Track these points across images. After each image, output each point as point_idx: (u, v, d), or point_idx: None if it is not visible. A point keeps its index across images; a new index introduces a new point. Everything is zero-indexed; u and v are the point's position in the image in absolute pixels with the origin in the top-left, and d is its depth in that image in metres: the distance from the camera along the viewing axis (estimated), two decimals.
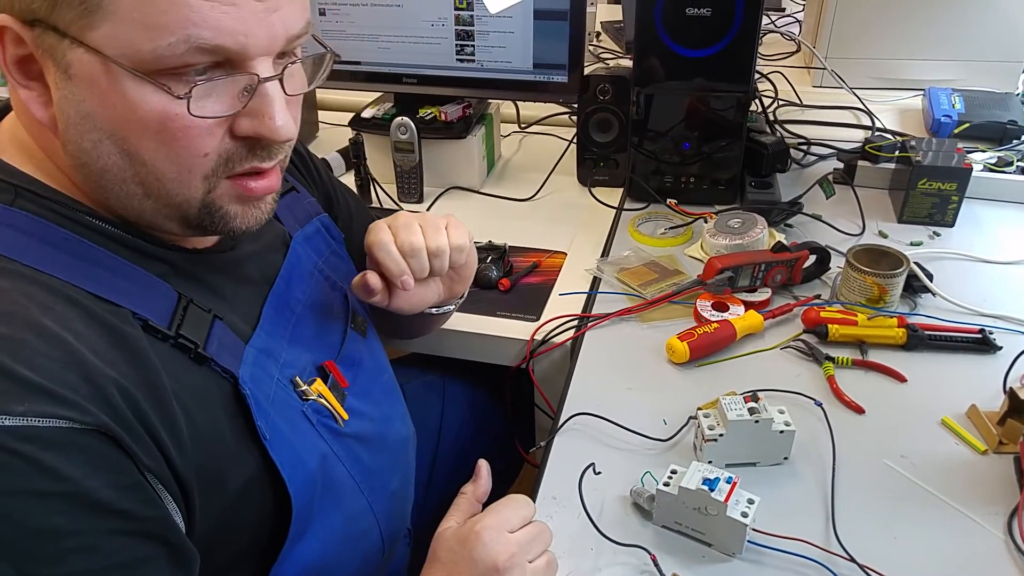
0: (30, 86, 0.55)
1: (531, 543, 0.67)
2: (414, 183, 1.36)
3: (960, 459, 0.85)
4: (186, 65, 0.53)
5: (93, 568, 0.50)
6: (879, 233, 1.24)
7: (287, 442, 0.65)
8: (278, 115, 0.57)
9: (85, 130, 0.55)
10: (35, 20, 0.52)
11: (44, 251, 0.55)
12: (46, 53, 0.53)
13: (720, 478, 0.75)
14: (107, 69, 0.52)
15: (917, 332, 0.99)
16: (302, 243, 0.79)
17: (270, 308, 0.70)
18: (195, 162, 0.57)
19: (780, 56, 1.91)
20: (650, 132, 1.27)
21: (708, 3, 1.12)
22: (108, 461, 0.51)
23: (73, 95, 0.54)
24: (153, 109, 0.54)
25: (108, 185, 0.58)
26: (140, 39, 0.51)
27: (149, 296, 0.59)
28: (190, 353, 0.60)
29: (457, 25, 1.30)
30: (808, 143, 1.48)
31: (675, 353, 0.98)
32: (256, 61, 0.56)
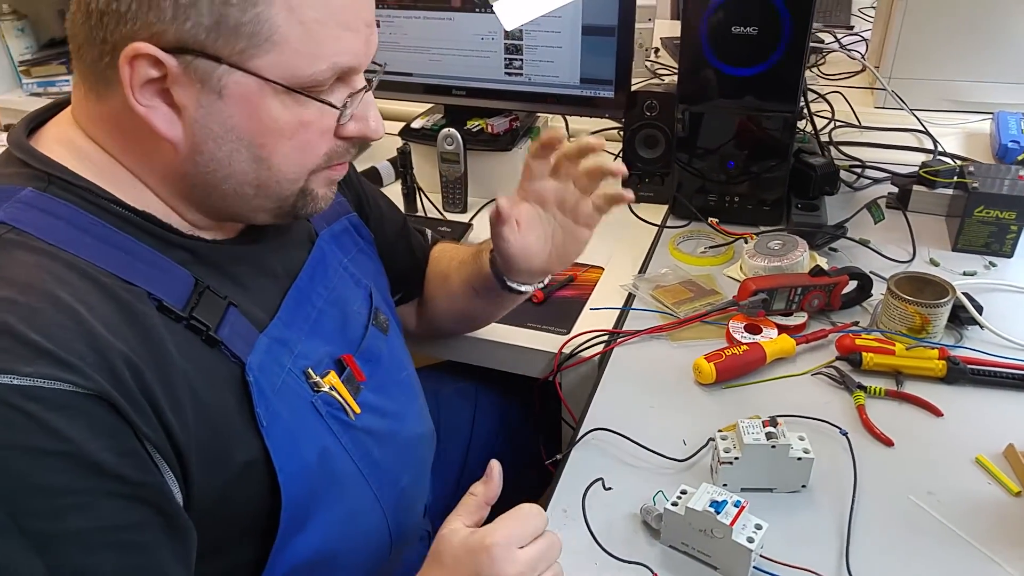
0: (154, 106, 0.60)
1: (539, 560, 0.67)
2: (459, 193, 1.38)
3: (991, 500, 0.81)
4: (321, 84, 0.63)
5: (88, 527, 0.53)
6: (930, 261, 1.20)
7: (287, 431, 0.67)
8: (375, 117, 0.69)
9: (225, 141, 0.62)
10: (186, 49, 0.57)
11: (69, 233, 0.59)
12: (193, 77, 0.59)
13: (728, 501, 0.74)
14: (261, 89, 0.60)
15: (958, 365, 0.95)
16: (328, 241, 0.82)
17: (290, 300, 0.73)
18: (312, 160, 0.67)
19: (844, 76, 1.87)
20: (695, 150, 1.26)
21: (755, 21, 1.11)
22: (108, 426, 0.54)
23: (221, 112, 0.61)
24: (300, 118, 0.63)
25: (224, 188, 0.65)
26: (300, 66, 0.61)
27: (166, 279, 0.62)
28: (202, 335, 0.63)
29: (506, 39, 1.32)
30: (863, 166, 1.45)
31: (702, 374, 0.97)
32: (357, 77, 0.66)
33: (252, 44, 0.58)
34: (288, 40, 0.59)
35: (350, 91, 0.66)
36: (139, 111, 0.59)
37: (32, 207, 0.59)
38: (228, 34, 0.57)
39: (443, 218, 1.37)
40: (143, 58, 0.57)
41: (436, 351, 1.13)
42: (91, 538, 0.53)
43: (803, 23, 1.10)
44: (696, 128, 1.25)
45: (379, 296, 0.86)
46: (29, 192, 0.59)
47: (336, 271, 0.81)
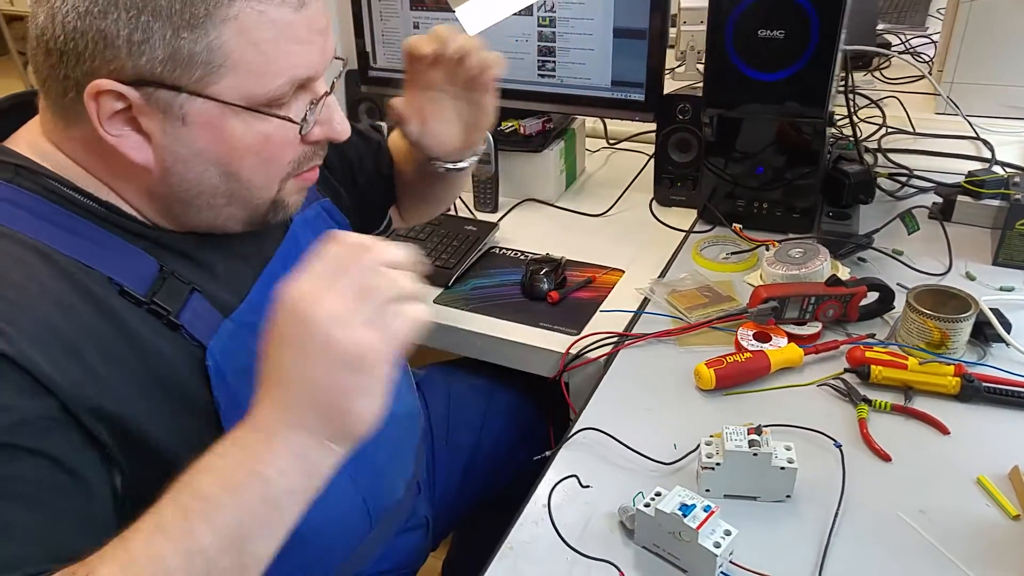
0: (124, 135, 0.63)
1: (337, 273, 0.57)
2: (489, 193, 1.40)
3: (986, 522, 0.78)
4: (280, 97, 0.65)
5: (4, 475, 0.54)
6: (966, 275, 1.15)
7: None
8: (340, 119, 0.72)
9: (194, 164, 0.65)
10: (144, 81, 0.60)
11: (31, 220, 0.63)
12: (155, 107, 0.62)
13: (697, 505, 0.73)
14: (222, 112, 0.63)
15: (973, 383, 0.92)
16: (301, 226, 0.85)
17: (261, 285, 0.76)
18: (280, 169, 0.70)
19: (907, 80, 1.80)
20: (723, 155, 1.25)
21: (782, 25, 1.09)
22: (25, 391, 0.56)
23: (186, 137, 0.64)
24: (262, 133, 0.66)
25: (198, 203, 0.68)
26: (256, 85, 0.63)
27: (128, 266, 0.66)
28: (163, 320, 0.66)
29: (540, 41, 1.33)
30: (910, 174, 1.40)
31: (701, 379, 0.96)
32: (319, 82, 0.69)
33: (208, 71, 0.61)
34: (242, 63, 0.62)
35: (312, 97, 0.68)
36: (111, 141, 0.62)
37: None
38: (183, 64, 0.60)
39: (473, 217, 1.39)
40: (106, 93, 0.60)
41: (449, 348, 1.16)
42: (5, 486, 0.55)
43: (832, 28, 1.08)
44: (724, 133, 1.23)
45: None
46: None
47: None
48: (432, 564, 1.47)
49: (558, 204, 1.44)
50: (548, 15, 1.31)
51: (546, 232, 1.35)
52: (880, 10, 2.27)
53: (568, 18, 1.30)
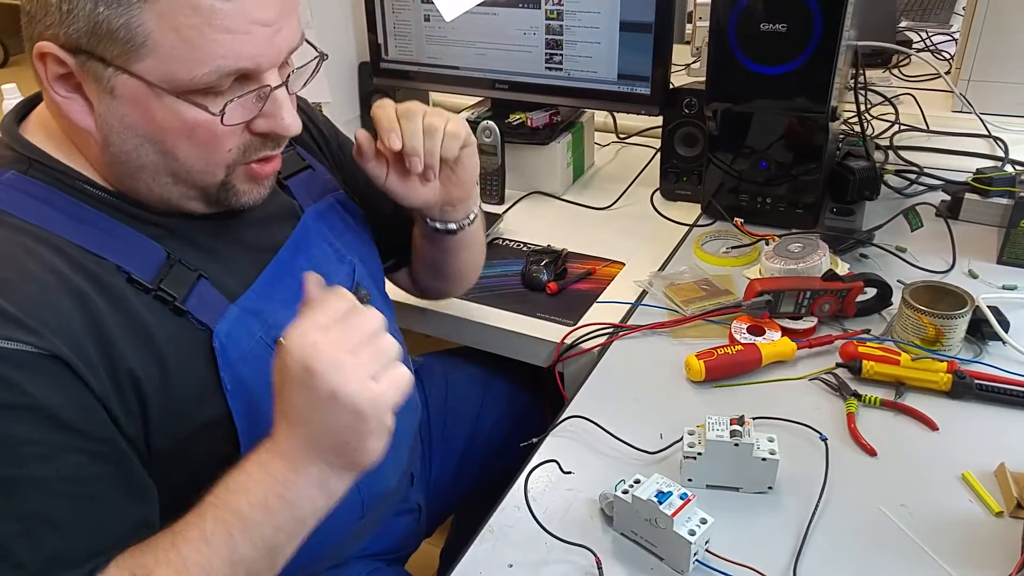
0: (71, 98, 0.65)
1: (344, 333, 0.63)
2: (495, 185, 1.41)
3: (968, 517, 0.78)
4: (214, 85, 0.64)
5: (49, 476, 0.60)
6: (968, 272, 1.14)
7: (251, 396, 0.72)
8: (288, 114, 0.70)
9: (127, 137, 0.66)
10: (78, 49, 0.62)
11: (44, 211, 0.66)
12: (89, 76, 0.63)
13: (674, 492, 0.74)
14: (148, 91, 0.63)
15: (964, 379, 0.91)
16: (313, 217, 0.87)
17: (268, 273, 0.78)
18: (220, 156, 0.69)
19: (926, 77, 1.78)
20: (727, 149, 1.25)
21: (784, 19, 1.09)
22: (66, 385, 0.60)
23: (116, 110, 0.65)
24: (189, 121, 0.65)
25: (143, 176, 0.69)
26: (179, 70, 0.63)
27: (137, 254, 0.68)
28: (169, 306, 0.69)
29: (547, 34, 1.34)
30: (919, 172, 1.38)
31: (691, 371, 0.96)
32: (267, 74, 0.67)
33: (128, 49, 0.61)
34: (162, 46, 0.61)
35: (259, 88, 0.67)
36: (59, 102, 0.65)
37: (12, 188, 0.66)
38: (105, 39, 0.61)
39: None
40: (49, 56, 0.62)
41: (447, 336, 1.17)
42: (51, 486, 0.60)
43: (834, 23, 1.07)
44: (728, 127, 1.23)
45: (363, 270, 0.90)
46: (11, 175, 0.66)
47: (320, 247, 0.86)
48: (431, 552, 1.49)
49: (564, 197, 1.45)
50: (556, 8, 1.32)
51: (550, 224, 1.36)
52: (904, 7, 2.24)
53: (575, 11, 1.31)
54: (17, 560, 0.58)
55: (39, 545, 0.59)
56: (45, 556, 0.60)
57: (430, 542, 1.14)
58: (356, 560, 0.93)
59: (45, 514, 0.60)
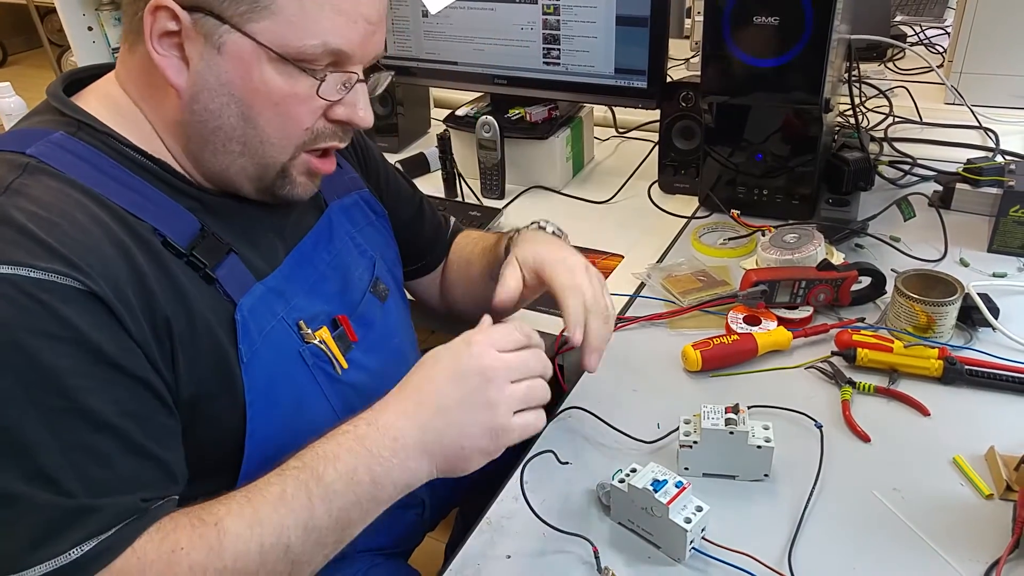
0: (169, 56, 0.69)
1: (519, 366, 0.72)
2: (496, 180, 1.43)
3: (959, 500, 0.80)
4: (313, 59, 0.70)
5: (93, 408, 0.61)
6: (960, 261, 1.16)
7: (265, 372, 0.74)
8: (364, 107, 0.75)
9: (218, 94, 0.70)
10: (197, 7, 0.66)
11: (90, 171, 0.68)
12: (200, 32, 0.67)
13: (669, 481, 0.76)
14: (256, 51, 0.68)
15: (955, 365, 0.93)
16: (337, 212, 0.89)
17: (292, 259, 0.81)
18: (296, 132, 0.73)
19: (920, 70, 1.79)
20: (723, 141, 1.26)
21: (776, 11, 1.10)
22: (109, 324, 0.62)
23: (218, 66, 0.69)
24: (284, 86, 0.70)
25: (214, 140, 0.72)
26: (291, 36, 0.68)
27: (173, 220, 0.71)
28: (200, 272, 0.71)
29: (545, 29, 1.36)
30: (913, 163, 1.40)
31: (688, 361, 0.98)
32: (357, 66, 0.73)
33: (252, 9, 0.66)
34: (284, 11, 0.67)
35: (345, 79, 0.72)
36: (155, 59, 0.68)
37: (60, 147, 0.68)
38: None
39: (479, 203, 1.42)
40: (163, 10, 0.66)
41: (446, 329, 1.18)
42: (95, 417, 0.61)
43: (825, 15, 1.08)
44: (723, 120, 1.25)
45: (383, 267, 0.93)
46: (60, 135, 0.69)
47: (342, 240, 0.88)
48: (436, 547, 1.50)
49: (564, 191, 1.46)
50: (552, 3, 1.33)
51: (550, 218, 1.37)
52: (899, 2, 2.26)
53: (572, 6, 1.32)
54: (64, 488, 0.59)
55: (86, 476, 0.60)
56: (91, 486, 0.61)
57: (435, 537, 1.16)
58: (359, 554, 0.94)
59: (91, 445, 0.61)
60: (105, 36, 1.94)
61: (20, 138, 0.69)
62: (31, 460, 0.59)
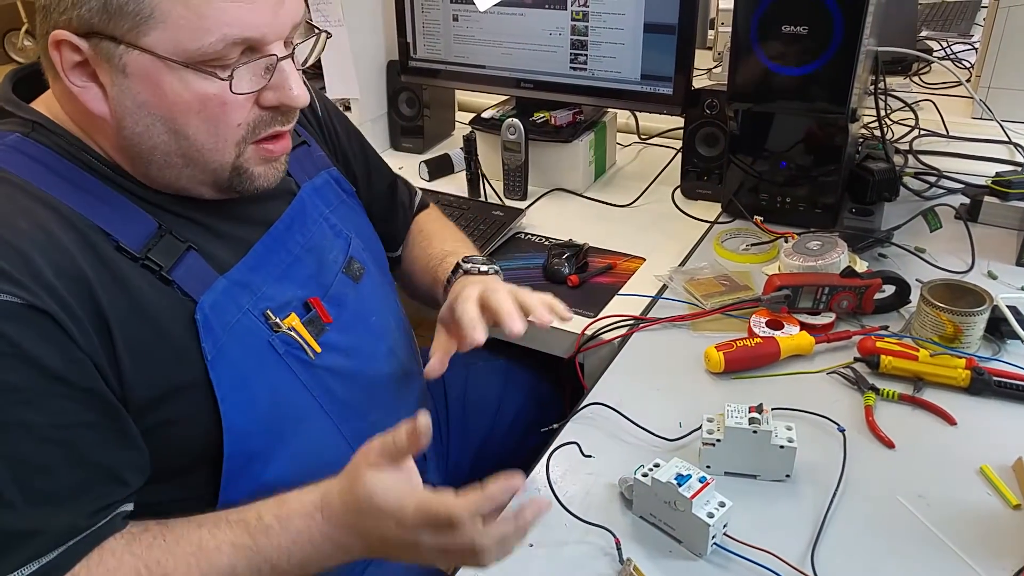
0: (86, 87, 0.67)
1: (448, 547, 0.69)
2: (519, 181, 1.43)
3: (985, 509, 0.79)
4: (221, 55, 0.67)
5: (39, 422, 0.62)
6: (987, 273, 1.15)
7: (234, 366, 0.73)
8: (295, 85, 0.72)
9: (139, 116, 0.68)
10: (91, 32, 0.65)
11: (44, 173, 0.68)
12: (102, 57, 0.66)
13: (692, 476, 0.75)
14: (158, 65, 0.66)
15: (983, 376, 0.92)
16: (310, 193, 0.88)
17: (261, 246, 0.79)
18: (230, 132, 0.71)
19: (946, 84, 1.79)
20: (748, 149, 1.26)
21: (805, 20, 1.11)
22: (53, 337, 0.62)
23: (130, 89, 0.67)
24: (199, 92, 0.67)
25: (154, 159, 0.71)
26: (186, 40, 0.65)
27: (126, 222, 0.70)
28: (156, 275, 0.71)
29: (572, 35, 1.36)
30: (939, 175, 1.39)
31: (711, 362, 0.98)
32: (272, 45, 0.70)
33: (138, 23, 0.64)
34: (170, 16, 0.64)
35: (268, 62, 0.69)
36: (74, 91, 0.67)
37: (14, 150, 0.68)
38: (116, 15, 0.63)
39: (502, 203, 1.43)
40: (64, 43, 0.65)
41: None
42: (39, 432, 0.62)
43: (855, 25, 1.08)
44: (749, 127, 1.25)
45: (359, 245, 0.91)
46: (14, 137, 0.68)
47: (316, 221, 0.87)
48: None
49: (586, 194, 1.46)
50: (581, 9, 1.34)
51: (572, 220, 1.38)
52: (925, 17, 2.26)
53: (601, 12, 1.33)
54: (7, 500, 0.61)
55: (28, 487, 0.61)
56: (35, 498, 0.62)
57: None
58: None
59: (33, 457, 0.62)
60: None
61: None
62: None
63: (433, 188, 1.51)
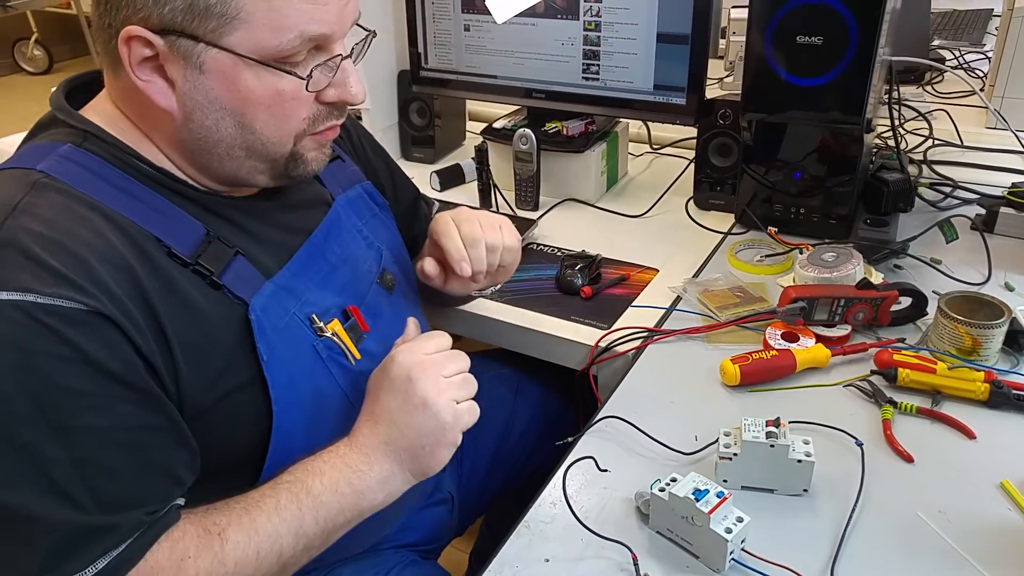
0: (151, 80, 0.69)
1: (444, 361, 0.77)
2: (530, 191, 1.43)
3: (1007, 525, 0.78)
4: (294, 53, 0.70)
5: (103, 426, 0.63)
6: (1005, 285, 1.14)
7: (285, 366, 0.75)
8: (355, 83, 0.76)
9: (210, 111, 0.71)
10: (169, 30, 0.66)
11: (98, 183, 0.69)
12: (177, 55, 0.68)
13: (710, 491, 0.75)
14: (236, 62, 0.68)
15: (1002, 389, 0.91)
16: (344, 206, 0.90)
17: (302, 254, 0.82)
18: (294, 125, 0.75)
19: (959, 94, 1.78)
20: (761, 159, 1.26)
21: (820, 31, 1.10)
22: (115, 342, 0.64)
23: (203, 85, 0.69)
24: (273, 88, 0.71)
25: (217, 152, 0.73)
26: (267, 39, 0.68)
27: (177, 228, 0.72)
28: (207, 279, 0.72)
29: (585, 45, 1.36)
30: (954, 185, 1.39)
31: (726, 375, 0.97)
32: (336, 45, 0.73)
33: (222, 23, 0.66)
34: (254, 16, 0.66)
35: (326, 58, 0.72)
36: (140, 85, 0.69)
37: (68, 160, 0.69)
38: (201, 15, 0.65)
39: (514, 213, 1.43)
40: (136, 39, 0.67)
41: (481, 337, 1.19)
42: (104, 434, 0.63)
43: (870, 35, 1.08)
44: (763, 138, 1.24)
45: (390, 257, 0.94)
46: (67, 147, 0.70)
47: (350, 233, 0.89)
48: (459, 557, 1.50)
49: (598, 204, 1.46)
50: (594, 19, 1.34)
51: (584, 231, 1.38)
52: (937, 27, 2.25)
53: (613, 22, 1.33)
54: (77, 503, 0.62)
55: (96, 489, 0.63)
56: (103, 499, 0.63)
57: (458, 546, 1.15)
58: (390, 550, 0.94)
59: (100, 460, 0.63)
60: None
61: (32, 154, 0.70)
62: (45, 475, 0.61)
63: (444, 198, 1.51)
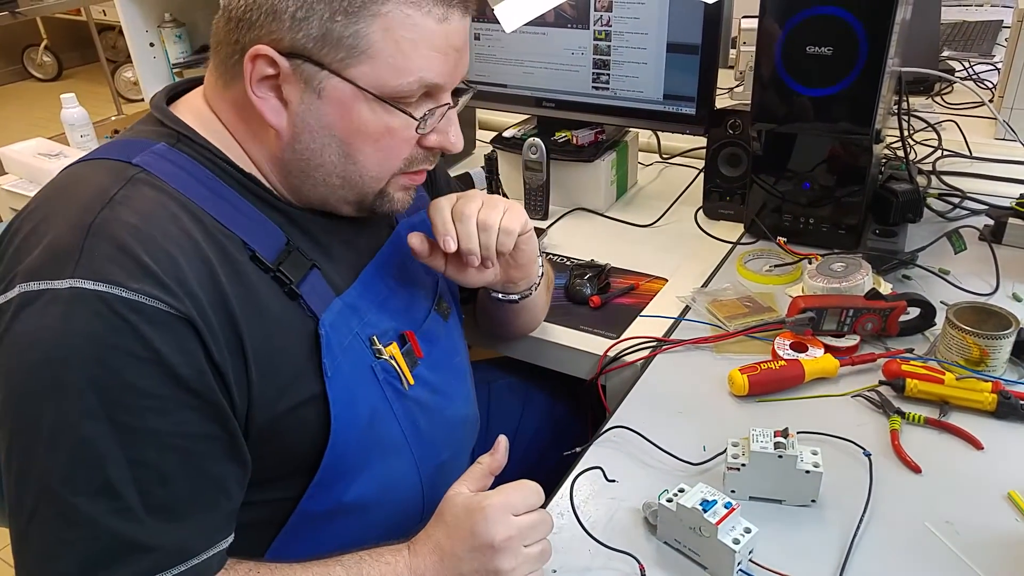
0: (267, 98, 0.71)
1: (531, 530, 0.73)
2: (540, 200, 1.44)
3: (1014, 535, 0.78)
4: (409, 95, 0.72)
5: (164, 430, 0.64)
6: (1012, 296, 1.14)
7: (346, 384, 0.76)
8: (455, 133, 0.79)
9: (319, 135, 0.73)
10: (297, 54, 0.69)
11: (188, 181, 0.71)
12: (299, 78, 0.70)
13: (718, 501, 0.75)
14: (355, 94, 0.71)
15: (1010, 400, 0.91)
16: (407, 229, 0.90)
17: (366, 275, 0.83)
18: (393, 163, 0.77)
19: (969, 105, 1.78)
20: (771, 169, 1.26)
21: (830, 42, 1.11)
22: (190, 346, 0.64)
23: (318, 110, 0.71)
24: (385, 124, 0.73)
25: (315, 176, 0.75)
26: (388, 77, 0.70)
27: (261, 233, 0.73)
28: (285, 288, 0.73)
29: (595, 54, 1.37)
30: (963, 196, 1.39)
31: (735, 385, 0.98)
32: (446, 94, 0.76)
33: (350, 55, 0.69)
34: (381, 55, 0.69)
35: (435, 105, 0.75)
36: (254, 101, 0.71)
37: (162, 157, 0.71)
38: (332, 45, 0.68)
39: None
40: (263, 58, 0.69)
41: (491, 345, 1.19)
42: (163, 439, 0.64)
43: (880, 46, 1.09)
44: (772, 148, 1.25)
45: (444, 285, 0.95)
46: (162, 146, 0.72)
47: (410, 258, 0.89)
48: None
49: (607, 214, 1.47)
50: (604, 29, 1.35)
51: (593, 240, 1.38)
52: (947, 38, 2.25)
53: (623, 32, 1.34)
54: (126, 504, 0.62)
55: (147, 493, 0.63)
56: (151, 505, 0.63)
57: None
58: None
59: (155, 464, 0.63)
60: (165, 52, 2.00)
61: (126, 147, 0.72)
62: (100, 472, 0.61)
63: None
